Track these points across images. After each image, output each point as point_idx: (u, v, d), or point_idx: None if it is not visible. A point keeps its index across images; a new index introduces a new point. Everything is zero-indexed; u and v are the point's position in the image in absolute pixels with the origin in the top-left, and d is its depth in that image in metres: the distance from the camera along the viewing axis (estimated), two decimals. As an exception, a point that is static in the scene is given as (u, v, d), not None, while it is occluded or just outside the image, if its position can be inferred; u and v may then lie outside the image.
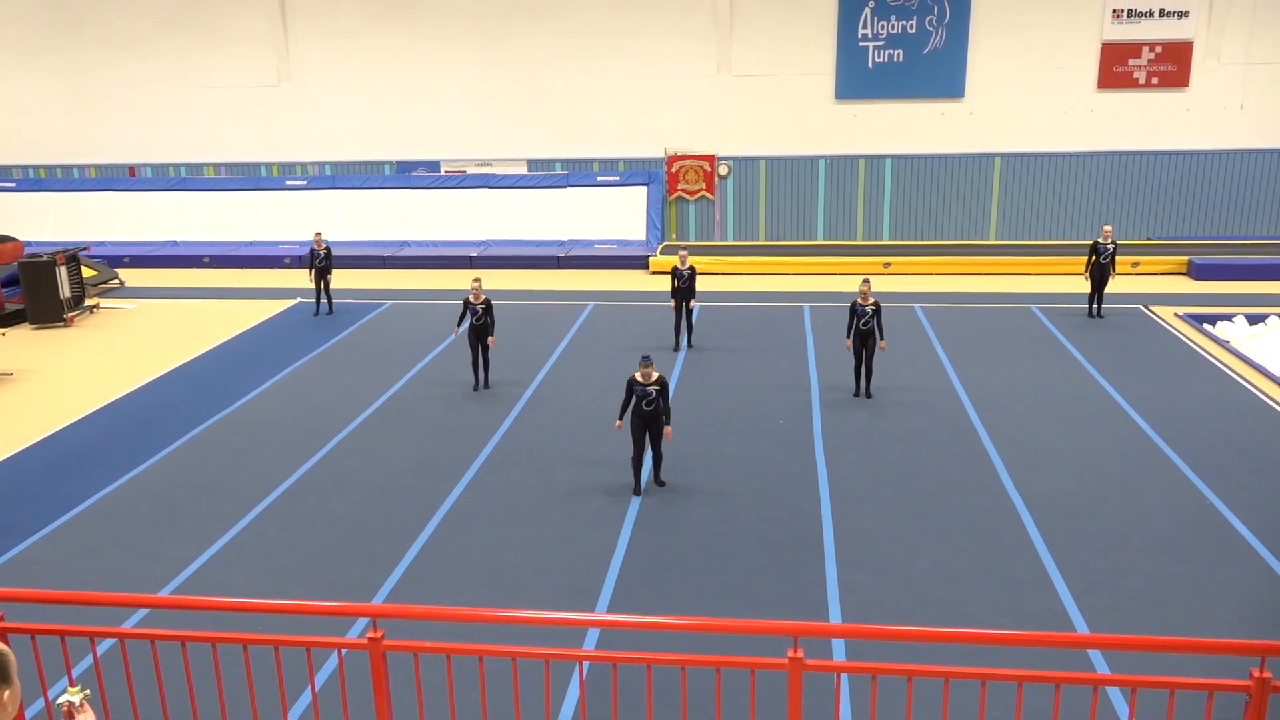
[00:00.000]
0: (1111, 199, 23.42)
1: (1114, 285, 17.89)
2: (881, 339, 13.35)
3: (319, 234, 18.53)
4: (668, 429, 10.52)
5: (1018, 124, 23.17)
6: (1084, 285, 18.24)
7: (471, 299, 13.77)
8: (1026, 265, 21.47)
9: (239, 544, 9.78)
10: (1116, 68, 22.58)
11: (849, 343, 13.36)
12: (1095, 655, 7.52)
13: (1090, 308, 17.54)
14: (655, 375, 10.32)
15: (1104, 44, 22.49)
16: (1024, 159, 23.38)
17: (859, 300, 13.16)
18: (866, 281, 13.29)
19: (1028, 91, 22.96)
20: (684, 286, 15.60)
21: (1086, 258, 17.57)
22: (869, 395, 13.47)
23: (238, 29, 25.06)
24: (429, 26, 24.42)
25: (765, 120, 23.90)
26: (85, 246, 21.34)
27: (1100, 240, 17.11)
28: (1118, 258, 18.49)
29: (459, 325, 14.25)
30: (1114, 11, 22.28)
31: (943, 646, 6.94)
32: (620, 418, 10.62)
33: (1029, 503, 10.32)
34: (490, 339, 14.01)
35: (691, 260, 16.03)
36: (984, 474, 11.09)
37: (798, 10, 23.15)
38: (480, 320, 13.84)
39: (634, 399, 10.38)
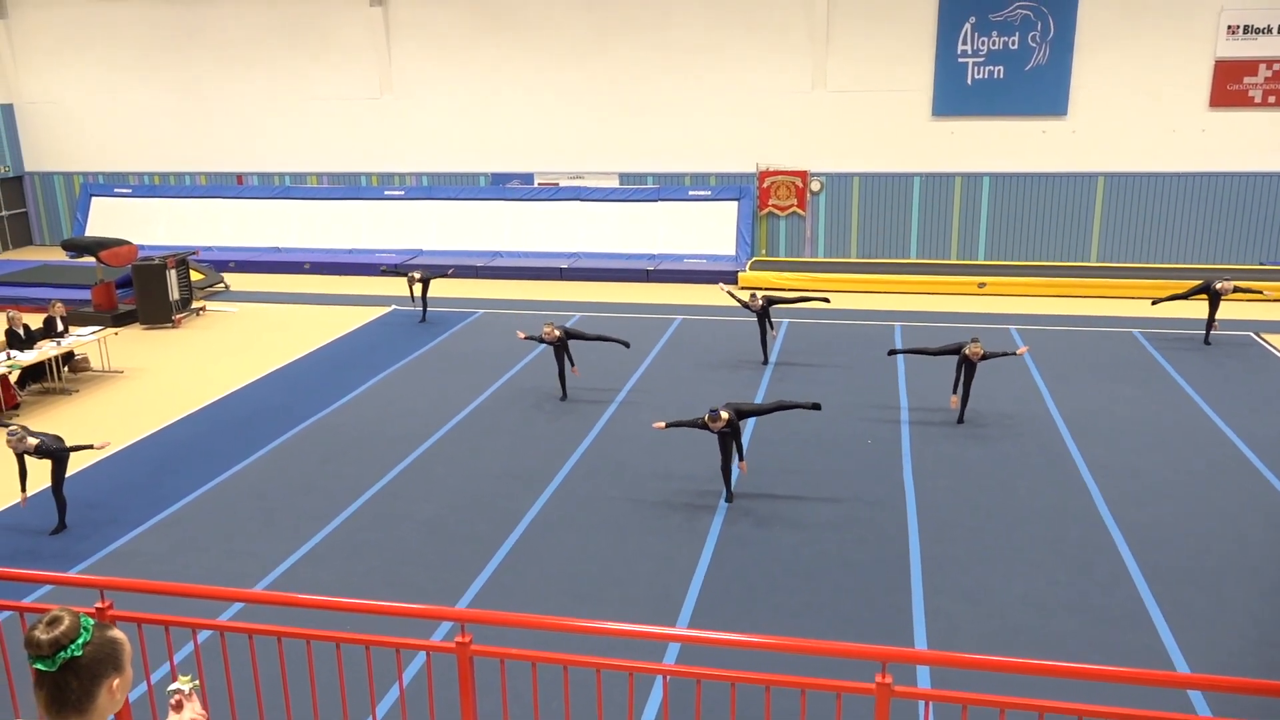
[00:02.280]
0: (1222, 221, 22.54)
1: (1224, 311, 17.16)
2: (1011, 352, 13.53)
3: (411, 273, 19.18)
4: (742, 464, 10.92)
5: (1123, 143, 22.47)
6: (1191, 309, 17.62)
7: (545, 337, 13.95)
8: (1129, 288, 20.78)
9: (330, 544, 10.03)
10: (1230, 85, 21.75)
11: (955, 399, 13.14)
12: (1196, 696, 7.22)
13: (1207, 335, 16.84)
14: (724, 419, 10.44)
15: (1217, 61, 21.68)
16: (1129, 179, 22.66)
17: (969, 353, 12.82)
18: (977, 340, 12.91)
19: (1135, 110, 22.26)
20: (763, 311, 15.62)
21: (1203, 293, 16.81)
22: (960, 421, 13.17)
23: (343, 42, 25.82)
24: (526, 41, 24.80)
25: (859, 136, 23.64)
26: (194, 251, 22.19)
27: (1218, 287, 16.49)
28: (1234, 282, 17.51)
29: (526, 335, 14.82)
30: (1229, 28, 21.48)
31: (1034, 679, 6.73)
32: (665, 423, 10.91)
33: (1127, 533, 9.97)
34: (573, 369, 14.22)
35: (764, 295, 15.90)
36: (1080, 502, 10.75)
37: (896, 26, 22.87)
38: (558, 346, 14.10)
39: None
